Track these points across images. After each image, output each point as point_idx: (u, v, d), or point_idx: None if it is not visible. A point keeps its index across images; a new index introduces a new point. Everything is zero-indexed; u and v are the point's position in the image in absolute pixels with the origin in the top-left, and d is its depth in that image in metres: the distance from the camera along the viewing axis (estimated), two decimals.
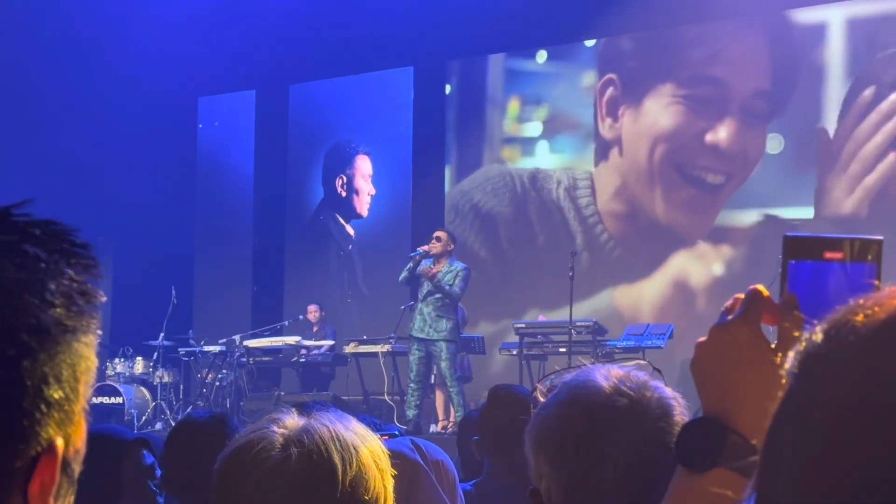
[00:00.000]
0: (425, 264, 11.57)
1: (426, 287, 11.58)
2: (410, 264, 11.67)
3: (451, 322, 11.54)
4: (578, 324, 11.79)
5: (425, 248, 11.65)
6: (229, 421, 3.49)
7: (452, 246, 11.74)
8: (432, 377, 12.20)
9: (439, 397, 12.27)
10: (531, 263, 15.20)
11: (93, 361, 0.97)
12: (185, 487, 3.38)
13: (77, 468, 0.98)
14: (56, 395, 0.92)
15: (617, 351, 11.38)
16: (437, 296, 11.50)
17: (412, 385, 11.80)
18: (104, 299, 0.98)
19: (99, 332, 0.98)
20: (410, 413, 11.77)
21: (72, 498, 0.98)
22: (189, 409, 13.11)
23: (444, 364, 11.53)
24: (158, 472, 3.65)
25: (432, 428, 11.87)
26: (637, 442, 1.60)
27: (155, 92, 16.89)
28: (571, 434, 1.63)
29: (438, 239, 11.66)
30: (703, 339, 1.29)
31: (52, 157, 16.33)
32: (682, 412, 1.65)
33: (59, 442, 0.93)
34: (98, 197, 15.89)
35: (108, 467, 3.40)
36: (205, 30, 16.31)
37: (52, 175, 15.55)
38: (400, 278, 11.88)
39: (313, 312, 14.66)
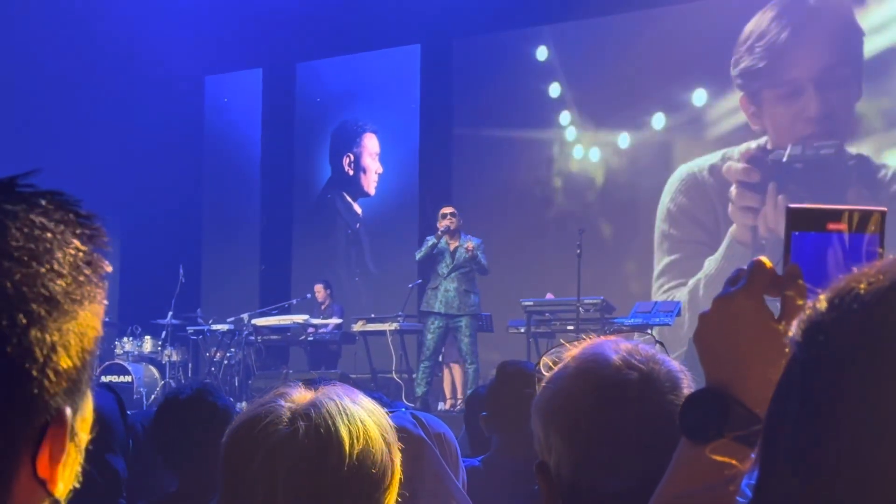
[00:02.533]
0: (442, 244, 11.66)
1: (448, 263, 11.65)
2: (433, 241, 11.72)
3: (477, 297, 11.73)
4: (586, 301, 11.79)
5: (445, 223, 11.70)
6: (213, 390, 3.51)
7: (461, 221, 11.84)
8: (440, 356, 12.22)
9: (447, 376, 12.29)
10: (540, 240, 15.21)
11: (99, 331, 0.98)
12: (185, 462, 3.40)
13: (85, 437, 0.98)
14: (65, 365, 0.93)
15: (625, 329, 11.39)
16: (464, 271, 11.62)
17: (425, 362, 11.85)
18: (110, 269, 0.98)
19: (105, 302, 0.98)
20: (420, 390, 11.80)
21: (79, 467, 0.98)
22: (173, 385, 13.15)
23: (467, 340, 11.65)
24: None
25: (440, 406, 11.89)
26: (648, 415, 1.60)
27: (162, 71, 16.88)
28: (583, 407, 1.63)
29: (454, 215, 11.74)
30: (706, 310, 1.29)
31: (60, 135, 16.33)
32: (689, 385, 1.65)
33: (68, 411, 0.94)
34: (105, 176, 15.89)
35: None
36: (212, 8, 16.29)
37: (59, 154, 15.54)
38: (418, 256, 11.95)
39: (320, 291, 14.68)
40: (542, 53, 15.57)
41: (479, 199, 15.46)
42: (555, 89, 15.44)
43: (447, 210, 11.89)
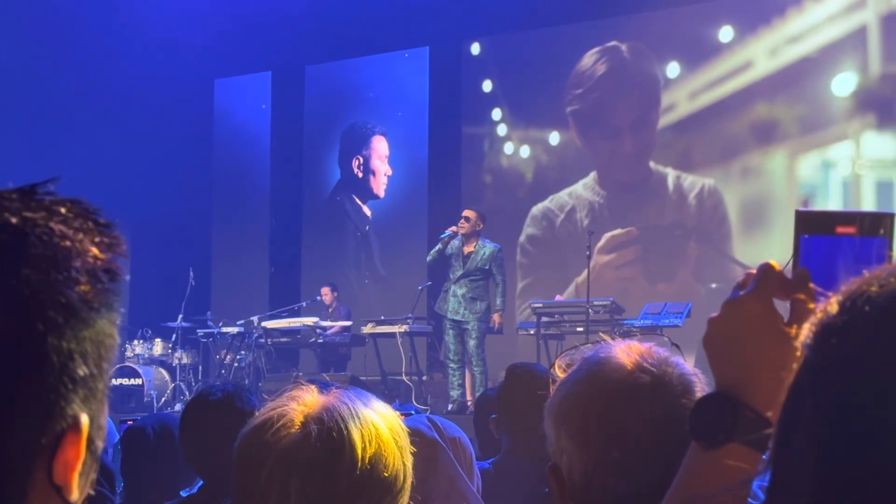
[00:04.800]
0: (454, 244, 11.61)
1: (458, 268, 11.62)
2: (439, 245, 11.69)
3: (484, 303, 11.66)
4: (596, 303, 11.76)
5: (454, 228, 11.65)
6: (244, 395, 3.51)
7: (482, 225, 11.76)
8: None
9: (468, 379, 12.26)
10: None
11: (115, 339, 0.98)
12: (206, 464, 3.40)
13: (101, 445, 0.99)
14: (81, 372, 0.93)
15: (634, 330, 11.35)
16: (472, 278, 11.58)
17: (452, 365, 11.86)
18: (127, 278, 0.99)
19: (122, 310, 0.99)
20: (454, 393, 11.79)
21: (94, 475, 0.99)
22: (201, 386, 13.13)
23: (473, 343, 11.62)
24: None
25: (449, 407, 11.87)
26: (660, 418, 1.59)
27: (172, 74, 16.90)
28: (594, 410, 1.62)
29: (467, 219, 11.66)
30: (715, 314, 1.29)
31: (71, 139, 16.36)
32: (702, 388, 1.64)
33: (84, 418, 0.94)
34: (115, 179, 15.91)
35: None
36: (221, 12, 16.30)
37: (70, 157, 15.57)
38: (428, 259, 11.93)
39: (327, 294, 14.69)
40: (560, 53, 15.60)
41: (489, 201, 15.46)
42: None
43: (464, 213, 11.83)
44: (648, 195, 14.69)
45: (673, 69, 14.62)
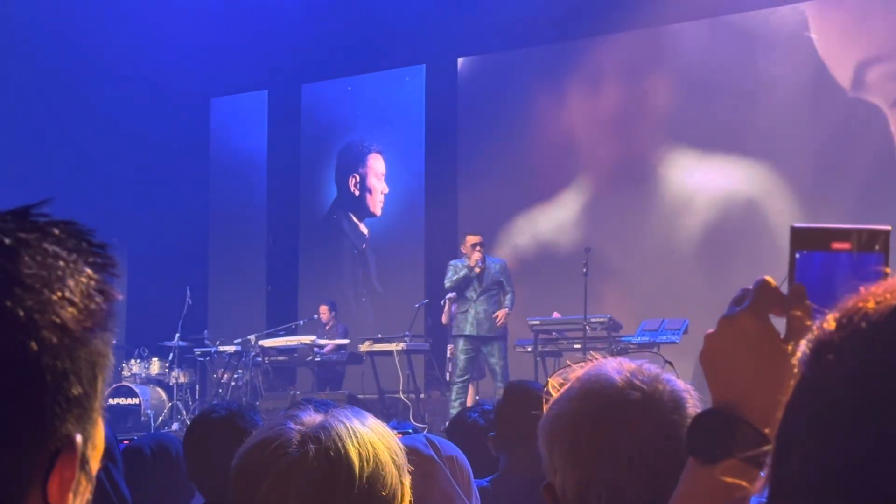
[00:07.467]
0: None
1: (476, 288, 11.74)
2: (465, 272, 11.84)
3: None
4: (593, 320, 11.76)
5: (477, 255, 11.85)
6: (246, 415, 3.52)
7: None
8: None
9: (471, 394, 12.29)
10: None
11: (110, 359, 0.98)
12: (207, 482, 3.41)
13: (95, 465, 0.99)
14: (75, 392, 0.93)
15: (632, 347, 11.35)
16: (492, 293, 11.77)
17: (458, 383, 11.92)
18: (121, 297, 0.99)
19: (116, 330, 0.99)
20: (455, 411, 11.80)
21: (89, 495, 0.99)
22: (198, 405, 13.08)
23: (500, 363, 11.78)
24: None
25: (447, 424, 11.85)
26: (650, 435, 1.59)
27: (168, 93, 16.93)
28: (585, 429, 1.62)
29: (483, 245, 11.91)
30: (711, 330, 1.29)
31: (67, 158, 16.37)
32: (694, 404, 1.65)
33: (78, 438, 0.94)
34: (112, 198, 15.93)
35: None
36: (217, 30, 16.32)
37: (67, 177, 15.58)
38: (448, 284, 11.98)
39: (325, 312, 14.69)
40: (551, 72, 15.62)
41: (485, 219, 15.47)
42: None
43: (475, 240, 11.94)
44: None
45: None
